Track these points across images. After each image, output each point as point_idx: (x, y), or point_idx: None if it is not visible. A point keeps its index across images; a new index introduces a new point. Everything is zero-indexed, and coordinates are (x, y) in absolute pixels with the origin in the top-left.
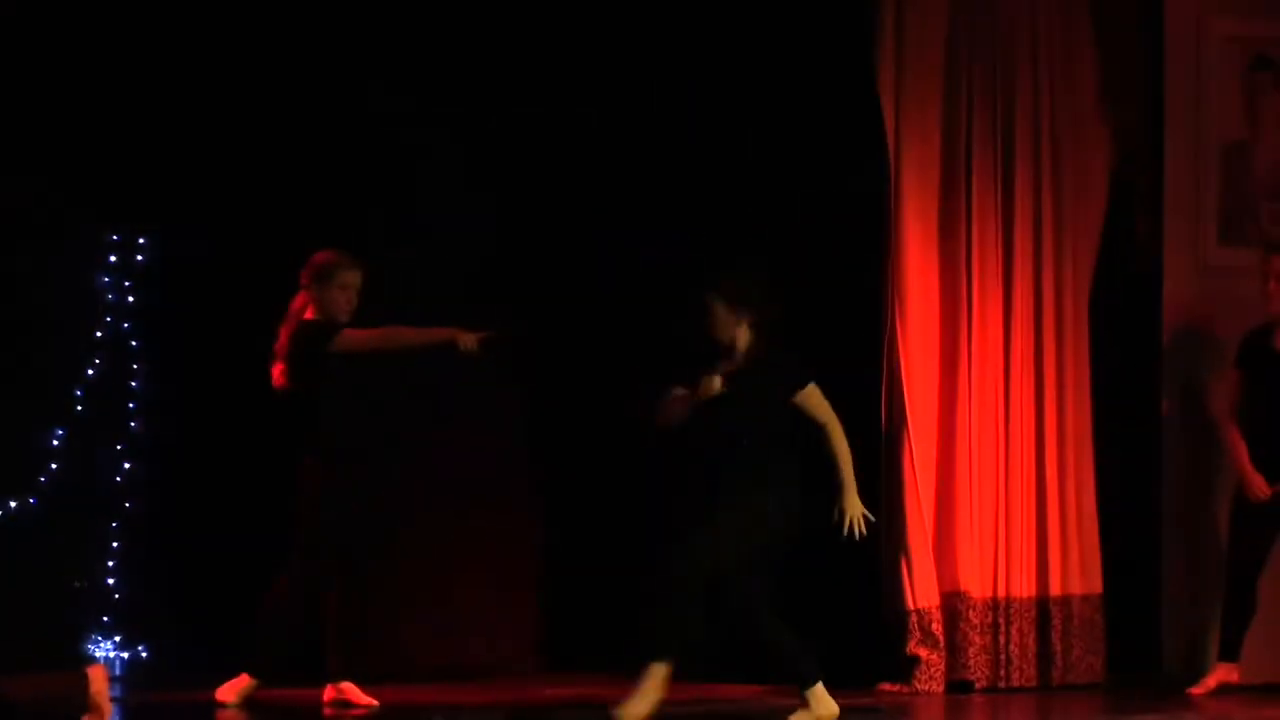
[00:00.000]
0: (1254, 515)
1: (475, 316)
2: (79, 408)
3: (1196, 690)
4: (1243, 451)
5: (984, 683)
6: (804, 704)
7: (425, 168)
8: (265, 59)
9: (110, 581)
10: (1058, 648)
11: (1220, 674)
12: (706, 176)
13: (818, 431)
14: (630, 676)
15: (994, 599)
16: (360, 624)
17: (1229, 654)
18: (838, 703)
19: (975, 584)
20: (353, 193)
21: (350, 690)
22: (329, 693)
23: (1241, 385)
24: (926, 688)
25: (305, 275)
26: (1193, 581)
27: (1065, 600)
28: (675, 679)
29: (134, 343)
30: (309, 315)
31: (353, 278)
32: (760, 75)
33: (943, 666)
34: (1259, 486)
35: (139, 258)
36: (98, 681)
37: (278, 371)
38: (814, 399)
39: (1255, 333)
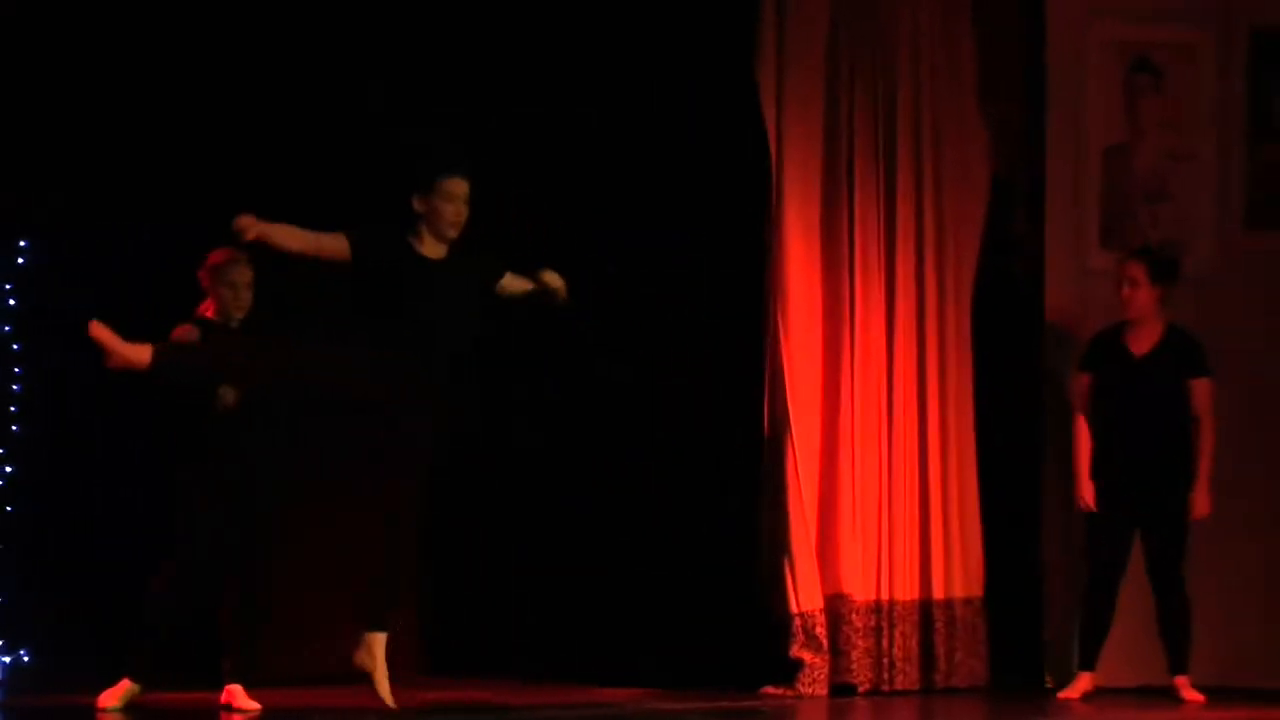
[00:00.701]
0: (1105, 525)
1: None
2: None
3: (1064, 694)
4: (1083, 457)
5: (867, 686)
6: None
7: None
8: (158, 49)
9: None
10: (940, 651)
11: (1082, 684)
12: (587, 172)
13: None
14: (516, 679)
15: (877, 602)
16: (248, 626)
17: (1086, 664)
18: (722, 704)
19: (858, 587)
20: (265, 192)
21: (235, 693)
22: (224, 695)
23: (1092, 388)
24: (810, 691)
25: (201, 275)
26: (1073, 585)
27: (948, 603)
28: (557, 682)
29: (15, 345)
30: (209, 314)
31: (240, 275)
32: (642, 73)
33: (826, 670)
34: (1087, 497)
35: (19, 260)
36: None
37: None
38: None
39: (1104, 334)
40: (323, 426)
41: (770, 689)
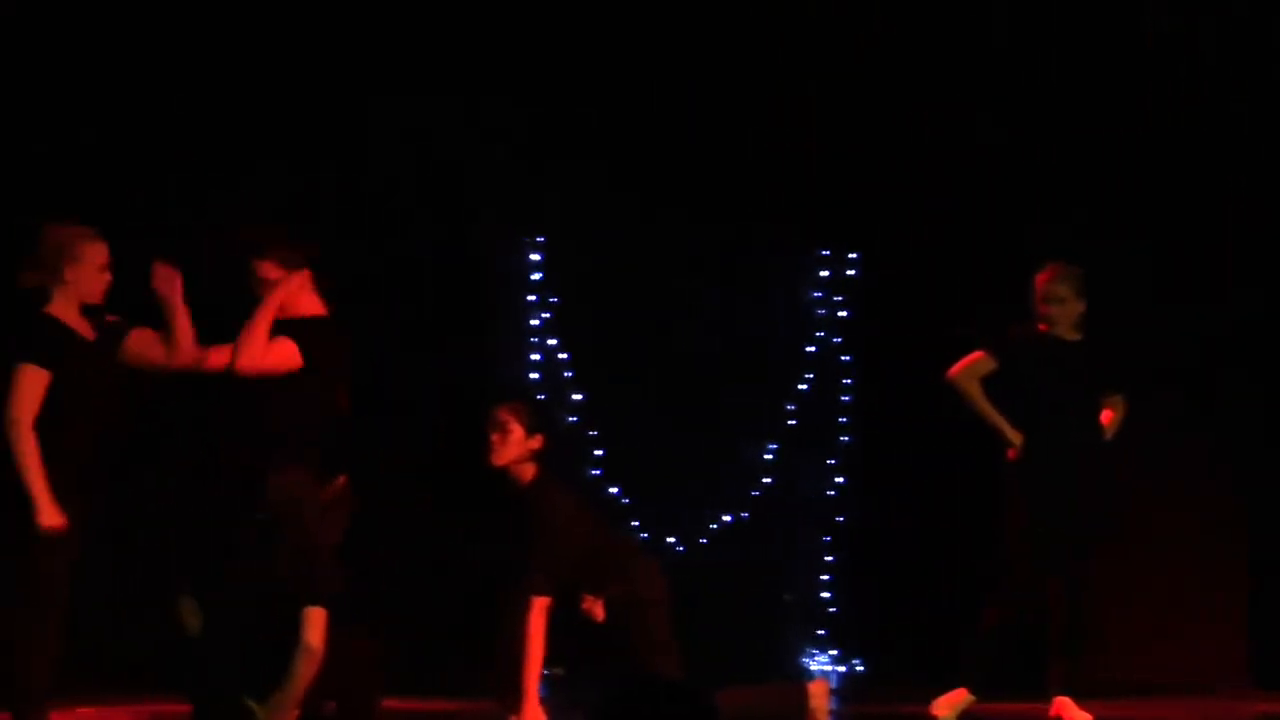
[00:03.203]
0: None
1: None
2: (791, 422)
3: None
4: None
5: None
6: None
7: None
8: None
9: (824, 595)
10: None
11: None
12: None
13: None
14: None
15: None
16: (1078, 638)
17: None
18: None
19: None
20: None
21: (1065, 705)
22: (1054, 707)
23: None
24: None
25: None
26: None
27: None
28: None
29: (844, 357)
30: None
31: (1059, 289)
32: None
33: None
34: None
35: (849, 273)
36: (817, 696)
37: None
38: None
39: None
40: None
41: None
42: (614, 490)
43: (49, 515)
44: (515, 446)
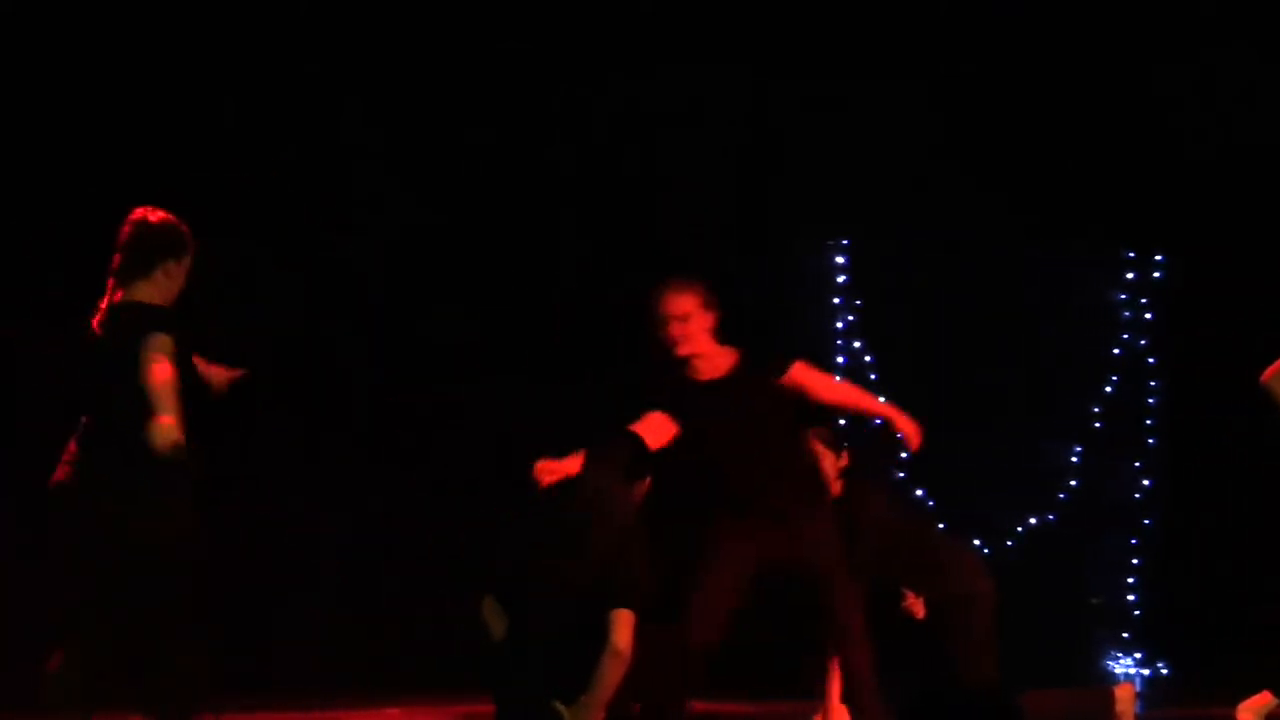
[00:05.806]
0: None
1: None
2: (1096, 424)
3: None
4: None
5: None
6: None
7: None
8: None
9: (1130, 598)
10: None
11: None
12: None
13: None
14: None
15: None
16: None
17: None
18: None
19: None
20: None
21: None
22: None
23: None
24: None
25: None
26: None
27: None
28: None
29: (1150, 359)
30: None
31: None
32: None
33: None
34: None
35: (1155, 275)
36: (1122, 700)
37: None
38: None
39: None
40: None
41: None
42: (919, 492)
43: None
44: (829, 475)
